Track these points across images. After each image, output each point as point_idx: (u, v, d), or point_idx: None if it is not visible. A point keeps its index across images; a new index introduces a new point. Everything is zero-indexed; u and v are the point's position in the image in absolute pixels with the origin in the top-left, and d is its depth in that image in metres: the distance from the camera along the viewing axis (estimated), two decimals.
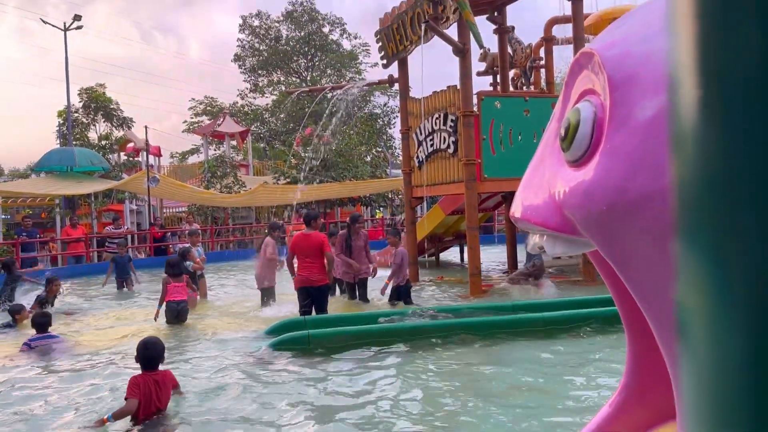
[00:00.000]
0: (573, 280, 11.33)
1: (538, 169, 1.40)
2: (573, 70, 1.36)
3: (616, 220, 1.12)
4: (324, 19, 42.81)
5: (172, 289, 8.49)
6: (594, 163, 1.16)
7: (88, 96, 26.39)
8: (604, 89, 1.16)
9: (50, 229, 21.27)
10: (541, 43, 13.76)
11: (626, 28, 1.25)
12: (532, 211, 1.35)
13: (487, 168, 9.99)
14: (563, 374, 5.56)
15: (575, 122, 1.21)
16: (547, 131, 1.50)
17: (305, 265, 8.21)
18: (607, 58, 1.17)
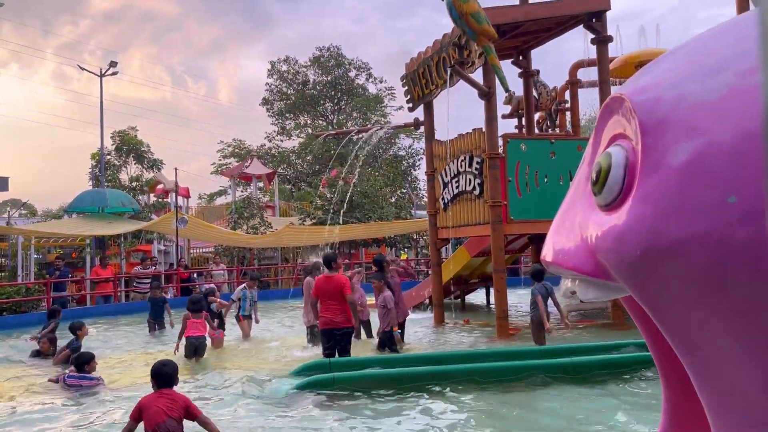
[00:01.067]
0: (602, 323, 11.10)
1: (569, 213, 1.40)
2: (603, 114, 1.37)
3: (650, 265, 1.11)
4: (350, 63, 43.68)
5: (191, 325, 8.84)
6: (626, 207, 1.15)
7: (120, 138, 27.08)
8: (636, 134, 1.16)
9: (80, 269, 21.61)
10: (566, 86, 13.85)
11: (656, 73, 1.26)
12: (564, 255, 1.34)
13: (514, 210, 9.95)
14: (594, 421, 5.40)
15: (606, 166, 1.21)
16: (578, 175, 1.50)
17: (328, 307, 8.18)
18: (638, 103, 1.18)
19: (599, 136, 1.37)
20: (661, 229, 1.08)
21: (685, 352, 1.10)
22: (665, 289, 1.12)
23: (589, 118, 34.58)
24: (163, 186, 26.54)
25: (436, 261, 12.28)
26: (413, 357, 8.10)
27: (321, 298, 8.29)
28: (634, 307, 1.32)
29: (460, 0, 8.85)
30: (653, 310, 1.16)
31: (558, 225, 1.44)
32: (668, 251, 1.09)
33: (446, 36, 10.52)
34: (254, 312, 10.97)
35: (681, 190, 1.08)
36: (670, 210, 1.09)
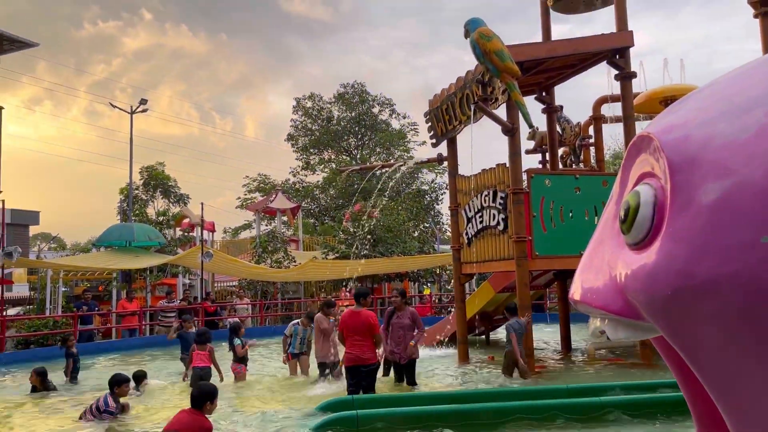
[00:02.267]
0: (630, 363, 10.86)
1: (597, 251, 1.39)
2: (630, 153, 1.37)
3: (682, 305, 1.09)
4: (374, 100, 44.26)
5: (196, 357, 9.30)
6: (656, 246, 1.14)
7: (148, 174, 27.63)
8: (665, 172, 1.16)
9: (106, 302, 21.86)
10: (590, 121, 13.84)
11: (684, 112, 1.26)
12: (592, 294, 1.33)
13: (538, 245, 9.87)
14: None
15: (635, 205, 1.20)
16: (606, 213, 1.49)
17: (355, 343, 8.05)
18: (666, 141, 1.18)
19: (627, 175, 1.36)
20: (693, 269, 1.07)
21: (719, 393, 1.07)
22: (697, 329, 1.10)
23: (613, 153, 34.39)
24: (189, 220, 26.89)
25: (460, 296, 12.18)
26: (438, 395, 7.99)
27: (347, 334, 8.14)
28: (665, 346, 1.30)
29: (483, 39, 8.96)
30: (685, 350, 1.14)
31: (586, 263, 1.43)
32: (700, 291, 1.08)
33: (470, 73, 10.62)
34: (308, 350, 10.52)
35: (712, 230, 1.08)
36: (702, 249, 1.08)
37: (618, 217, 1.31)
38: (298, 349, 10.46)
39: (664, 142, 1.17)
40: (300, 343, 10.47)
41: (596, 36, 10.50)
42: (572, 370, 10.74)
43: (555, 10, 12.46)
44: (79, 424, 7.27)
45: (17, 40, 27.80)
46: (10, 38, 27.36)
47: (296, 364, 10.47)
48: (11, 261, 14.42)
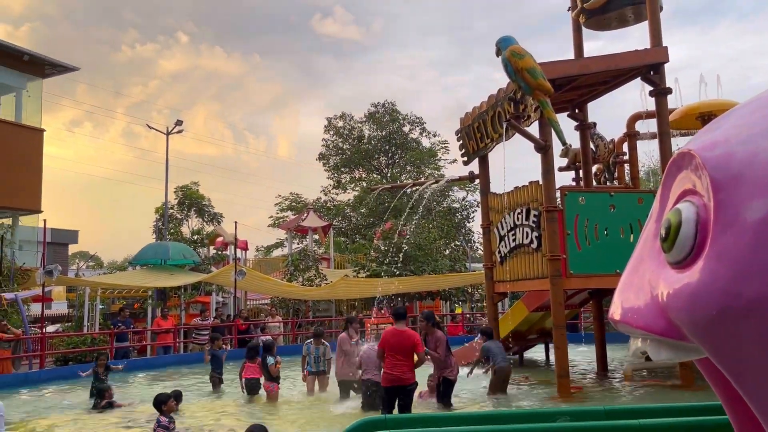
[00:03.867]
0: (670, 384, 10.58)
1: (637, 270, 1.37)
2: (671, 170, 1.35)
3: (728, 325, 1.07)
4: (404, 118, 44.46)
5: (247, 368, 10.45)
6: (700, 265, 1.12)
7: (182, 193, 28.11)
8: (707, 190, 1.15)
9: (142, 320, 22.19)
10: (624, 138, 13.66)
11: (725, 129, 1.24)
12: (633, 314, 1.31)
13: (573, 264, 9.74)
14: None
15: (676, 223, 1.19)
16: (645, 231, 1.47)
17: (396, 363, 7.87)
18: (708, 158, 1.17)
19: (667, 192, 1.35)
20: (738, 288, 1.05)
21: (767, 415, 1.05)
22: (743, 349, 1.08)
23: (648, 170, 33.84)
24: (223, 239, 27.22)
25: (493, 315, 12.05)
26: (472, 415, 7.87)
27: (388, 353, 7.94)
28: (710, 368, 1.27)
29: (515, 56, 8.96)
30: (731, 371, 1.12)
31: (626, 283, 1.41)
32: (746, 311, 1.06)
33: (501, 91, 10.61)
34: (327, 369, 10.54)
35: (758, 248, 1.06)
36: (747, 268, 1.06)
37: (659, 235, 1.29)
38: (314, 367, 10.54)
39: (706, 159, 1.16)
40: (315, 362, 10.52)
41: (630, 52, 10.40)
42: (609, 391, 10.51)
43: (587, 27, 12.39)
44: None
45: (59, 65, 28.74)
46: (52, 63, 28.31)
47: (314, 382, 10.51)
48: (51, 279, 14.77)
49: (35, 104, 28.23)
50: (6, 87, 27.44)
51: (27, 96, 27.78)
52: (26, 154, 26.64)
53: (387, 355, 7.99)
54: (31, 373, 13.94)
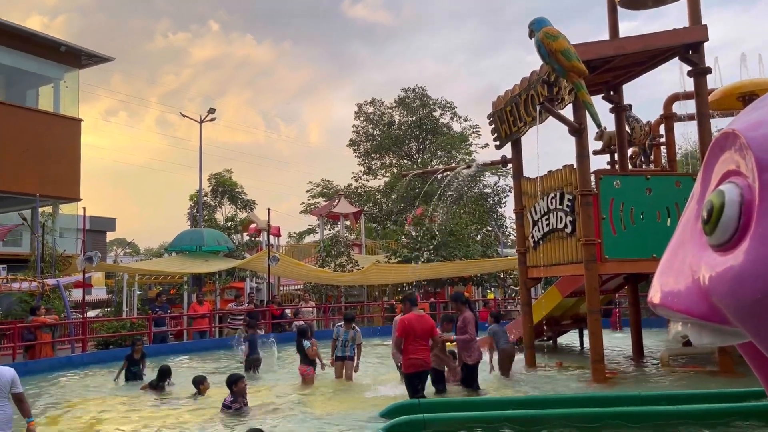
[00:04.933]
0: (708, 370, 10.40)
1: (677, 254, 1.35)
2: (713, 150, 1.32)
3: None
4: (435, 103, 44.17)
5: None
6: (744, 247, 1.10)
7: (216, 180, 28.48)
8: (752, 171, 1.12)
9: (178, 305, 22.66)
10: (660, 120, 13.37)
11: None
12: (673, 298, 1.29)
13: (608, 248, 9.60)
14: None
15: (719, 205, 1.17)
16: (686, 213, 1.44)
17: (419, 347, 8.05)
18: (753, 138, 1.14)
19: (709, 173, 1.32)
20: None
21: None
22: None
23: (685, 153, 33.06)
24: (256, 225, 27.56)
25: (526, 301, 11.98)
26: (506, 400, 7.87)
27: (412, 339, 8.08)
28: (753, 352, 1.25)
29: (549, 38, 8.81)
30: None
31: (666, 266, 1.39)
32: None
33: (534, 73, 10.46)
34: (356, 354, 10.36)
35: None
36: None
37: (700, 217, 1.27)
38: (340, 351, 10.30)
39: (750, 138, 1.13)
40: (342, 346, 10.31)
41: (667, 31, 10.13)
42: (645, 377, 10.38)
43: (622, 6, 12.10)
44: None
45: (95, 55, 29.26)
46: (88, 53, 28.84)
47: (342, 367, 10.34)
48: (92, 265, 15.15)
49: (72, 94, 28.82)
50: (44, 78, 28.08)
51: (64, 86, 28.39)
52: (65, 144, 27.28)
53: (410, 341, 8.05)
54: (74, 357, 14.36)
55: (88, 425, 7.58)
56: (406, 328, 8.15)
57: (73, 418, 8.09)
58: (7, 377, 5.68)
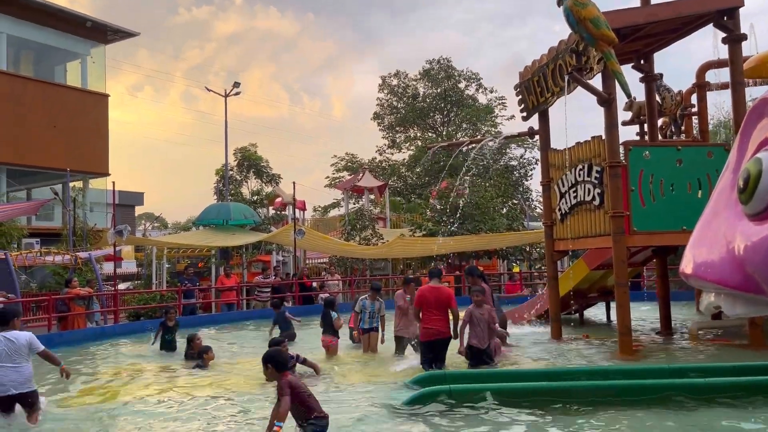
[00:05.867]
0: (737, 344, 10.28)
1: (711, 224, 1.33)
2: (750, 118, 1.29)
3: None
4: (460, 75, 43.61)
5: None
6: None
7: (241, 155, 28.65)
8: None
9: (206, 278, 23.03)
10: (692, 89, 13.05)
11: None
12: (706, 268, 1.28)
13: (637, 221, 9.47)
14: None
15: (756, 173, 1.14)
16: (721, 182, 1.41)
17: (433, 317, 8.29)
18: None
19: (746, 141, 1.29)
20: None
21: None
22: None
23: (717, 123, 32.27)
24: (282, 199, 27.74)
25: (553, 274, 11.92)
26: (532, 372, 7.90)
27: (426, 309, 8.35)
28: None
29: (578, 5, 8.61)
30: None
31: (699, 236, 1.37)
32: None
33: (562, 42, 10.25)
34: (381, 326, 10.40)
35: None
36: None
37: (736, 186, 1.24)
38: (368, 324, 10.35)
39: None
40: (369, 318, 10.35)
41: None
42: (673, 350, 10.31)
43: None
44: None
45: (120, 30, 29.42)
46: (113, 29, 29.01)
47: (368, 339, 10.40)
48: (122, 239, 15.43)
49: (99, 70, 29.10)
50: (71, 54, 28.38)
51: (91, 62, 28.66)
52: (93, 119, 27.65)
53: (424, 311, 8.35)
54: (107, 328, 14.74)
55: (120, 394, 7.80)
56: (419, 298, 8.47)
57: (106, 387, 8.32)
58: (22, 340, 6.33)
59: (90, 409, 7.06)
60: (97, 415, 6.78)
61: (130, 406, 7.13)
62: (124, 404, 7.22)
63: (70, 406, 7.26)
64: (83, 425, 6.38)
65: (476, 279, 9.55)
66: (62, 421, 6.57)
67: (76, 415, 6.79)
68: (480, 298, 8.63)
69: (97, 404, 7.28)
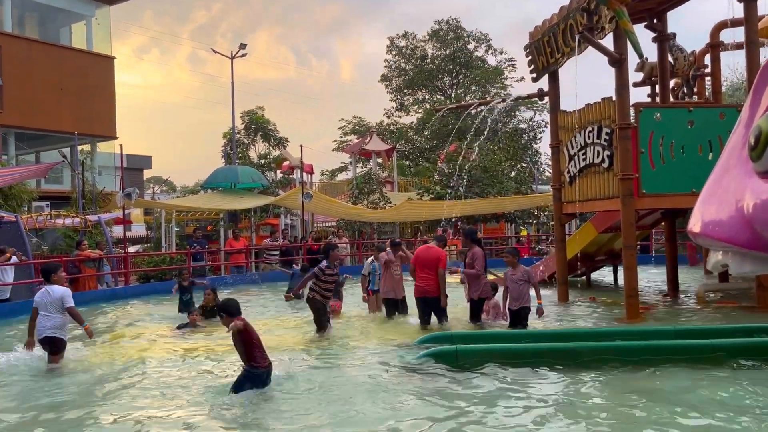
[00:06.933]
0: (744, 306, 10.31)
1: (721, 181, 1.31)
2: (763, 74, 1.27)
3: None
4: (469, 36, 42.94)
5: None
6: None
7: (249, 118, 28.48)
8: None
9: (215, 241, 23.17)
10: (706, 49, 12.78)
11: None
12: (715, 226, 1.27)
13: (646, 183, 9.41)
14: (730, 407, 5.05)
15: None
16: (732, 139, 1.39)
17: (423, 276, 8.91)
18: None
19: (758, 97, 1.27)
20: None
21: None
22: None
23: (731, 85, 31.75)
24: (289, 163, 27.68)
25: (561, 236, 11.92)
26: (538, 333, 7.97)
27: (418, 267, 8.96)
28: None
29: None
30: None
31: (708, 194, 1.36)
32: None
33: (573, 1, 10.04)
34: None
35: None
36: None
37: (747, 143, 1.23)
38: (378, 285, 10.42)
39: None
40: (379, 279, 10.42)
41: None
42: (680, 312, 10.36)
43: None
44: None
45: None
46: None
47: (376, 300, 10.50)
48: (131, 201, 15.51)
49: (104, 32, 28.82)
50: (76, 15, 28.08)
51: (96, 23, 28.37)
52: (99, 82, 27.51)
53: (417, 270, 8.98)
54: (117, 289, 14.93)
55: (134, 352, 7.93)
56: (415, 257, 9.18)
57: (121, 346, 8.47)
58: (56, 294, 7.30)
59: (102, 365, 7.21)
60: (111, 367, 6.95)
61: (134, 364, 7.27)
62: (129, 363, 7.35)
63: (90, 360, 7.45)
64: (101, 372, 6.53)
65: (470, 242, 9.45)
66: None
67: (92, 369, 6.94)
68: (509, 258, 8.88)
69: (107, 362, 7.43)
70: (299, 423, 4.92)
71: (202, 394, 5.88)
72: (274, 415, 5.17)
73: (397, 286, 9.94)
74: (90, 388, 6.30)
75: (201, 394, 5.89)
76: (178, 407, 5.46)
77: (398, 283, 9.96)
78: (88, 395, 6.06)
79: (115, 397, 5.89)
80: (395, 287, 9.90)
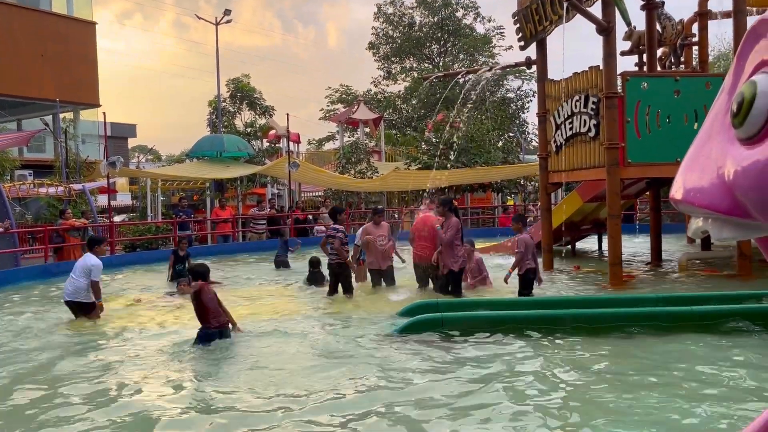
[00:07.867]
0: (725, 274, 10.48)
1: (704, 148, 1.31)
2: (748, 39, 1.26)
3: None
4: (457, 3, 42.42)
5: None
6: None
7: (234, 86, 28.12)
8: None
9: (201, 210, 23.08)
10: (694, 18, 12.75)
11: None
12: (696, 193, 1.27)
13: (632, 152, 9.45)
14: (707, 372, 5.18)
15: (750, 96, 1.12)
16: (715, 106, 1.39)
17: (420, 245, 9.23)
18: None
19: (742, 63, 1.26)
20: None
21: None
22: None
23: (718, 54, 31.74)
24: (276, 131, 27.46)
25: (546, 206, 11.98)
26: (522, 301, 8.06)
27: (416, 236, 9.32)
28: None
29: None
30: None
31: (691, 161, 1.36)
32: None
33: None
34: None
35: None
36: None
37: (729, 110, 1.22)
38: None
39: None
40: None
41: None
42: (663, 280, 10.51)
43: None
44: None
45: None
46: None
47: (364, 270, 10.38)
48: (115, 170, 15.35)
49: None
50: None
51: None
52: (81, 48, 26.94)
53: (416, 238, 9.28)
54: (103, 259, 14.84)
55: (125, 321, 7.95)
56: (414, 226, 9.56)
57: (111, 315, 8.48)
58: (87, 262, 7.93)
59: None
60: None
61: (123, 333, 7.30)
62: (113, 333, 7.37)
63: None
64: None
65: (446, 211, 9.06)
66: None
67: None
68: (518, 225, 8.87)
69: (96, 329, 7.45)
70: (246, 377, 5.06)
71: (170, 348, 6.44)
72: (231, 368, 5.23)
73: (380, 257, 9.72)
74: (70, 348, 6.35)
75: (168, 347, 6.44)
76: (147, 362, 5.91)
77: (381, 254, 9.71)
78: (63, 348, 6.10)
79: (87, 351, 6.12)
80: (377, 258, 9.74)
